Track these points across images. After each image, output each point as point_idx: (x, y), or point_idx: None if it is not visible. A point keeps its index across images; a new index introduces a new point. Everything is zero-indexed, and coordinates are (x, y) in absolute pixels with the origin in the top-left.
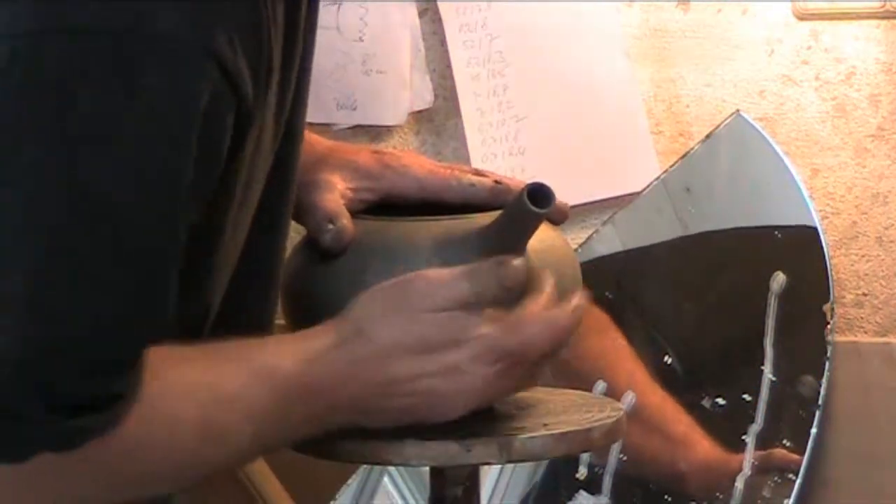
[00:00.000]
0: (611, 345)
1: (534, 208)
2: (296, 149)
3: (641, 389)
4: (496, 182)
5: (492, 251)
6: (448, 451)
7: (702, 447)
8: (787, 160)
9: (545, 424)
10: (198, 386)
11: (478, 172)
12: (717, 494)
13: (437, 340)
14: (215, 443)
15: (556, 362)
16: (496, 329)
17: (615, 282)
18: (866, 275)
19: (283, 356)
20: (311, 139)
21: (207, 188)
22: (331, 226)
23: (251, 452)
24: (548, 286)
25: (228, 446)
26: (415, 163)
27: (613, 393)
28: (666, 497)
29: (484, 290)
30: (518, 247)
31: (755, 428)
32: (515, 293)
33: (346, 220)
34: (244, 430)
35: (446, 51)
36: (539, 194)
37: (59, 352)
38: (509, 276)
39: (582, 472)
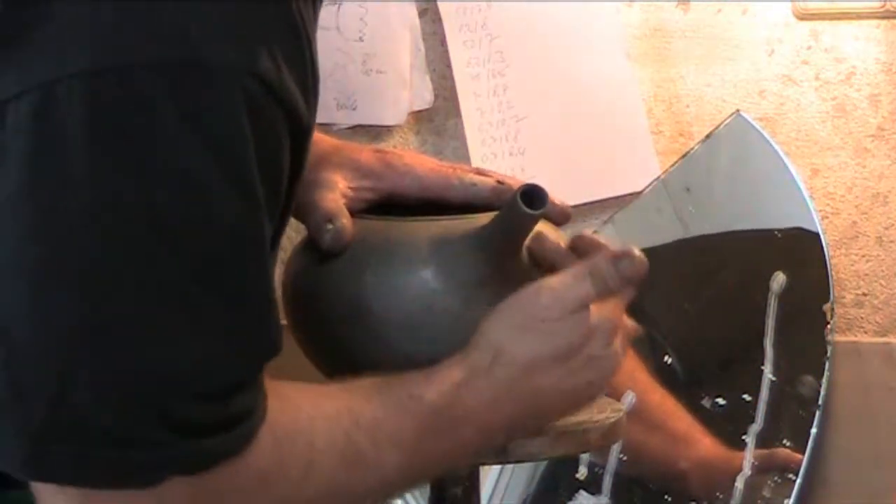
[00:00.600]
0: None
1: (527, 210)
2: None
3: (642, 388)
4: (498, 182)
5: (489, 252)
6: None
7: (703, 445)
8: (787, 160)
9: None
10: (338, 413)
11: (480, 172)
12: (718, 494)
13: (575, 342)
14: (359, 470)
15: None
16: (614, 306)
17: None
18: (866, 275)
19: (424, 388)
20: (315, 137)
21: (276, 207)
22: (330, 225)
23: (399, 483)
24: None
25: (373, 474)
26: (417, 162)
27: (613, 393)
28: (666, 497)
29: (606, 287)
30: (514, 247)
31: (755, 428)
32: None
33: (345, 220)
34: (389, 457)
35: (446, 51)
36: (533, 195)
37: (173, 377)
38: (631, 270)
39: (582, 472)
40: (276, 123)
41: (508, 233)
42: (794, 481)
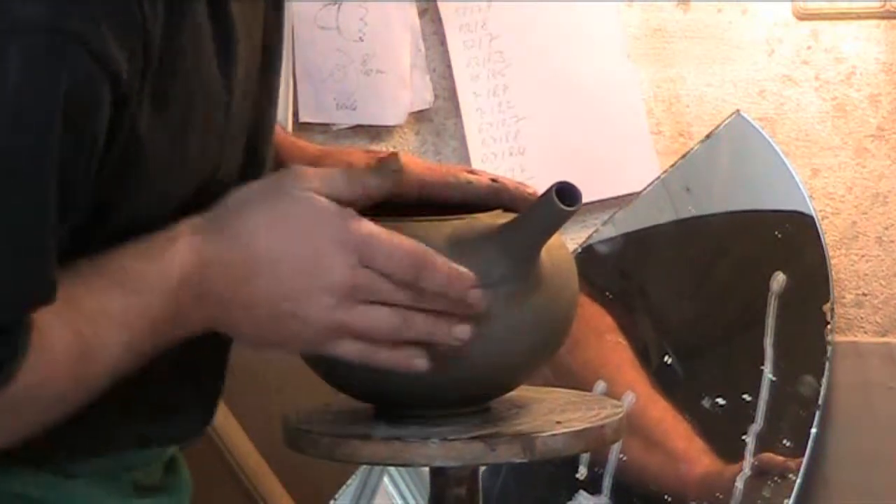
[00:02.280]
0: (611, 350)
1: (563, 206)
2: (264, 145)
3: (643, 402)
4: (492, 180)
5: (509, 250)
6: (473, 451)
7: (702, 464)
8: (787, 160)
9: (558, 422)
10: (67, 310)
11: (471, 172)
12: (718, 495)
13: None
14: (92, 361)
15: (558, 366)
16: (361, 312)
17: (615, 282)
18: (866, 275)
19: (147, 264)
20: (298, 144)
21: (89, 164)
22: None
23: (128, 361)
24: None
25: (105, 360)
26: (411, 161)
27: (613, 395)
28: (666, 497)
29: (354, 188)
30: (538, 245)
31: (755, 428)
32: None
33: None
34: (117, 340)
35: (446, 51)
36: (567, 193)
37: None
38: (374, 178)
39: (582, 472)
40: (94, 85)
41: (537, 230)
42: (794, 481)
